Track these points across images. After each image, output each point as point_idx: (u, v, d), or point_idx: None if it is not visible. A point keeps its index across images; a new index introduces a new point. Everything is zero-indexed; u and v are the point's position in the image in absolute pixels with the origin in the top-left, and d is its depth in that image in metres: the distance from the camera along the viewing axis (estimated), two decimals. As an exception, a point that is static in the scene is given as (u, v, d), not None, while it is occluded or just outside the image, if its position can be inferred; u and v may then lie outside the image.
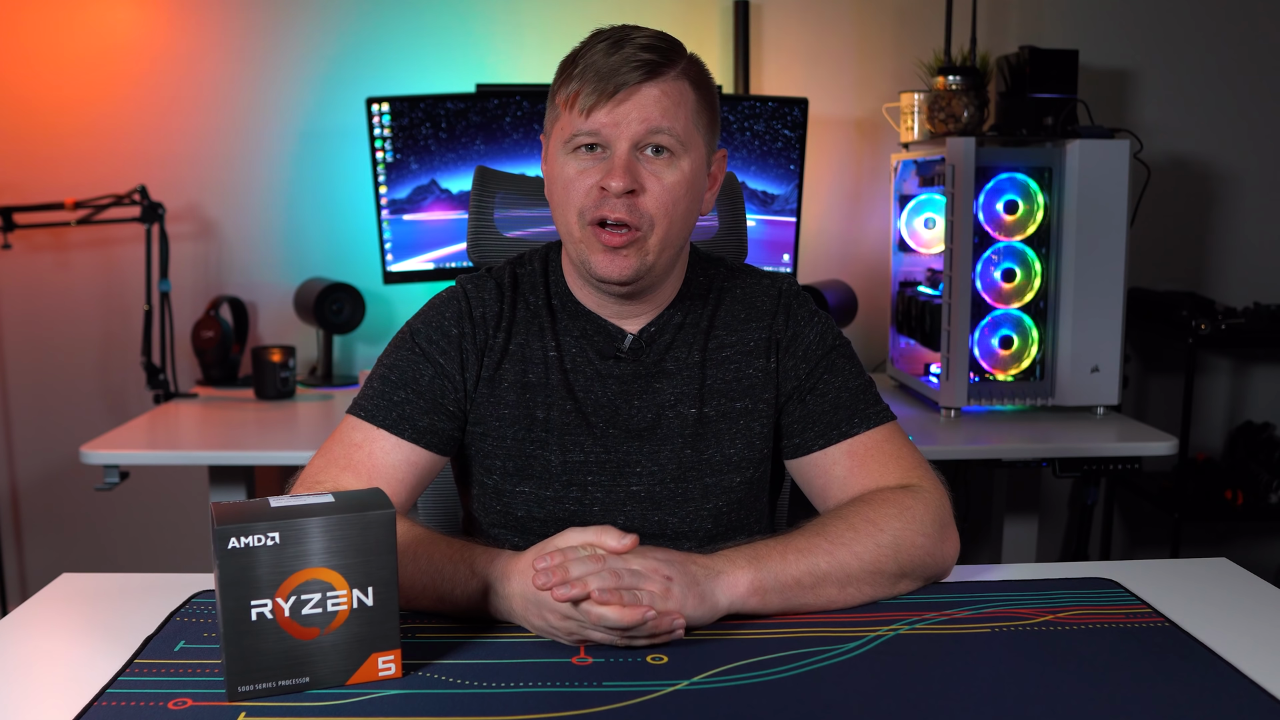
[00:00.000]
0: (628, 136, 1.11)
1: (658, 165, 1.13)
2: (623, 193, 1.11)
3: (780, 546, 1.07)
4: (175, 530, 2.78)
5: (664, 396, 1.22)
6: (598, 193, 1.12)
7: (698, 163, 1.16)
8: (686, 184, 1.14)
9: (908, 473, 1.19)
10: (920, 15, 2.71)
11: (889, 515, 1.11)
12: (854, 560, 1.08)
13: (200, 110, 2.68)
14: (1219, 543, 2.98)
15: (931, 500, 1.15)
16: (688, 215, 1.16)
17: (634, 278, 1.15)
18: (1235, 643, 1.01)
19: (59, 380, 2.74)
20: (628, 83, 1.10)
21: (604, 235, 1.13)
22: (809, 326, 1.25)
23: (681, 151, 1.14)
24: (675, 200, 1.14)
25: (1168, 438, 2.12)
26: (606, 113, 1.11)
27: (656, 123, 1.11)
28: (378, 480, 1.15)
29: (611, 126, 1.11)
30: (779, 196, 2.52)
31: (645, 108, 1.11)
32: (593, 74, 1.11)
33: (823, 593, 1.07)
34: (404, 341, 1.23)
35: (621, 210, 1.12)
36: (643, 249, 1.14)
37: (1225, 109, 2.83)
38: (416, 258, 2.49)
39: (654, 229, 1.13)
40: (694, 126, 1.15)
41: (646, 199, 1.12)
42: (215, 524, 0.87)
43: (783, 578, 1.05)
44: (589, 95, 1.11)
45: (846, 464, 1.20)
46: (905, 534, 1.11)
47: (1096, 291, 2.23)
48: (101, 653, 0.99)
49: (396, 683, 0.93)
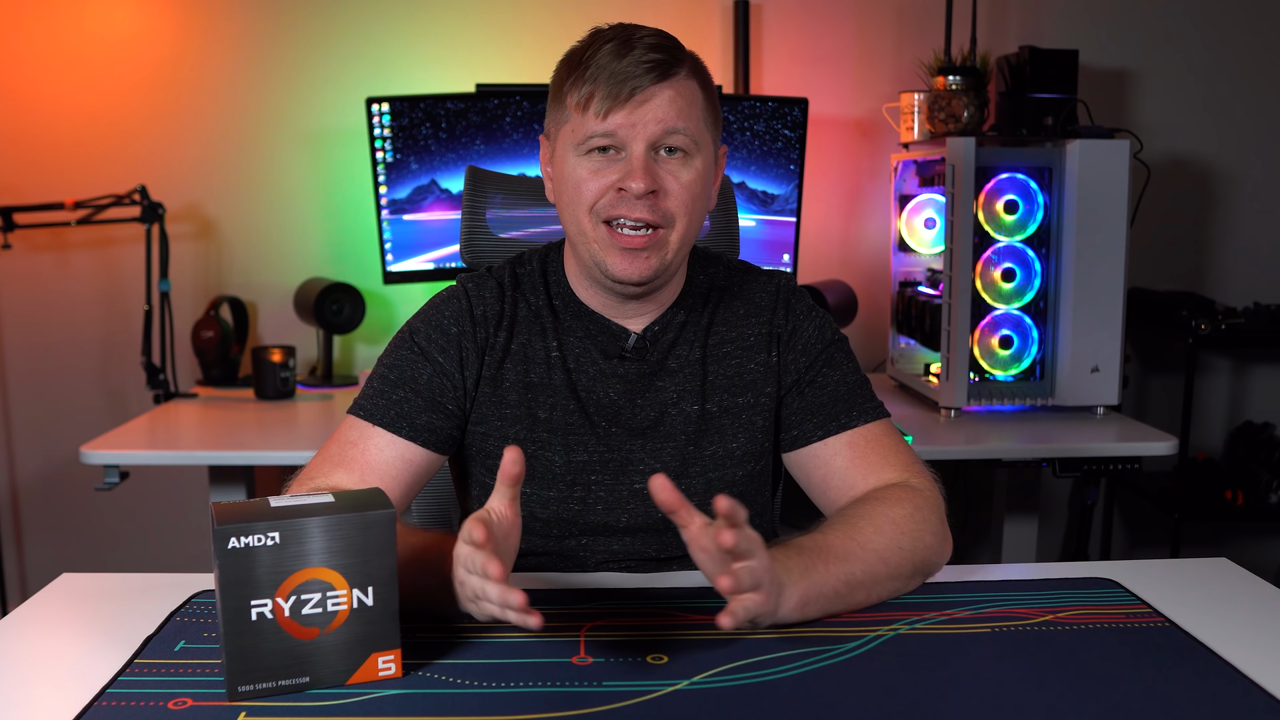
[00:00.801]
0: (644, 138, 1.12)
1: (673, 165, 1.14)
2: (644, 194, 1.12)
3: (824, 555, 1.05)
4: (175, 530, 2.78)
5: (667, 394, 1.22)
6: (614, 194, 1.13)
7: (709, 160, 1.18)
8: (702, 182, 1.16)
9: (906, 469, 1.20)
10: (920, 15, 2.71)
11: (906, 517, 1.12)
12: (881, 566, 1.08)
13: (200, 110, 2.68)
14: (1219, 543, 2.98)
15: (934, 500, 1.17)
16: (701, 213, 1.19)
17: (652, 277, 1.16)
18: (1235, 643, 1.01)
19: (59, 380, 2.74)
20: (643, 85, 1.11)
21: (622, 236, 1.14)
22: (808, 321, 1.26)
23: (695, 150, 1.15)
24: (694, 198, 1.15)
25: (1168, 438, 2.12)
26: (625, 115, 1.12)
27: (672, 123, 1.13)
28: (372, 478, 1.15)
29: (628, 128, 1.12)
30: (779, 196, 2.52)
31: (661, 109, 1.12)
32: (606, 76, 1.11)
33: (851, 599, 1.07)
34: (403, 341, 1.23)
35: (644, 210, 1.12)
36: (663, 249, 1.15)
37: (1225, 109, 2.83)
38: (416, 258, 2.49)
39: (674, 228, 1.15)
40: (704, 124, 1.17)
41: (667, 199, 1.14)
42: (215, 524, 0.87)
43: (825, 590, 1.03)
44: (604, 98, 1.11)
45: (847, 455, 1.20)
46: (921, 536, 1.12)
47: (1096, 291, 2.23)
48: (101, 653, 0.99)
49: (396, 683, 0.93)
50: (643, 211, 1.13)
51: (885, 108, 2.70)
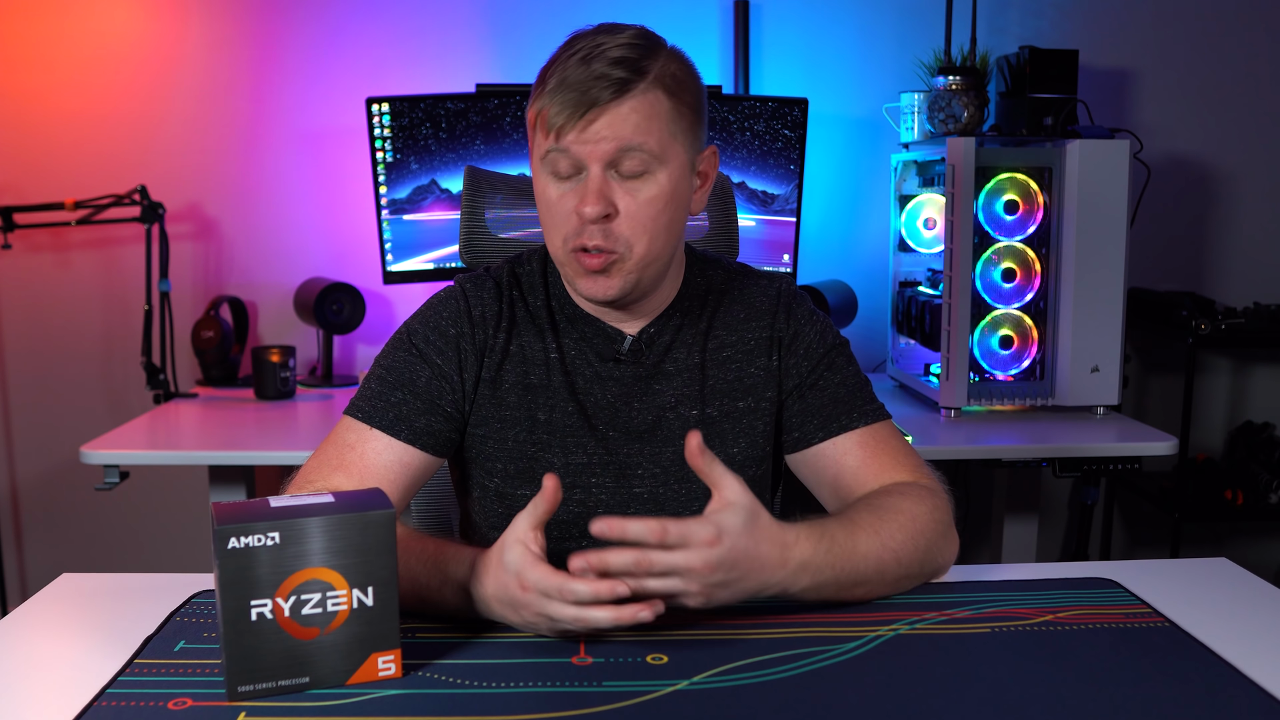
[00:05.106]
0: (599, 157, 1.09)
1: (633, 183, 1.11)
2: (597, 218, 1.10)
3: (848, 545, 1.05)
4: (175, 530, 2.78)
5: (664, 398, 1.22)
6: (575, 219, 1.11)
7: (678, 171, 1.13)
8: (666, 197, 1.12)
9: (916, 469, 1.20)
10: (920, 15, 2.71)
11: (926, 515, 1.12)
12: (893, 561, 1.08)
13: (200, 110, 2.68)
14: (1219, 543, 2.98)
15: (944, 501, 1.17)
16: (671, 226, 1.14)
17: (619, 296, 1.15)
18: (1235, 643, 1.01)
19: (59, 380, 2.74)
20: (597, 102, 1.07)
21: (585, 259, 1.13)
22: (810, 325, 1.25)
23: (657, 166, 1.11)
24: (653, 216, 1.12)
25: (1168, 438, 2.12)
26: (576, 133, 1.09)
27: (628, 140, 1.09)
28: (370, 481, 1.14)
29: (581, 146, 1.09)
30: (779, 196, 2.52)
31: (615, 126, 1.08)
32: (560, 92, 1.08)
33: (854, 593, 1.07)
34: (401, 342, 1.22)
35: (598, 237, 1.11)
36: (624, 269, 1.13)
37: (1225, 109, 2.83)
38: (416, 258, 2.49)
39: (632, 250, 1.12)
40: (671, 136, 1.11)
41: (620, 222, 1.11)
42: (215, 524, 0.87)
43: (840, 574, 1.04)
44: (556, 115, 1.08)
45: (859, 454, 1.20)
46: (934, 535, 1.12)
47: (1096, 291, 2.23)
48: (101, 653, 0.99)
49: (396, 683, 0.93)
50: (597, 238, 1.11)
51: (885, 108, 2.70)
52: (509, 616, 0.99)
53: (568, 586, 0.93)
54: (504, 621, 1.01)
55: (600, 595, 0.92)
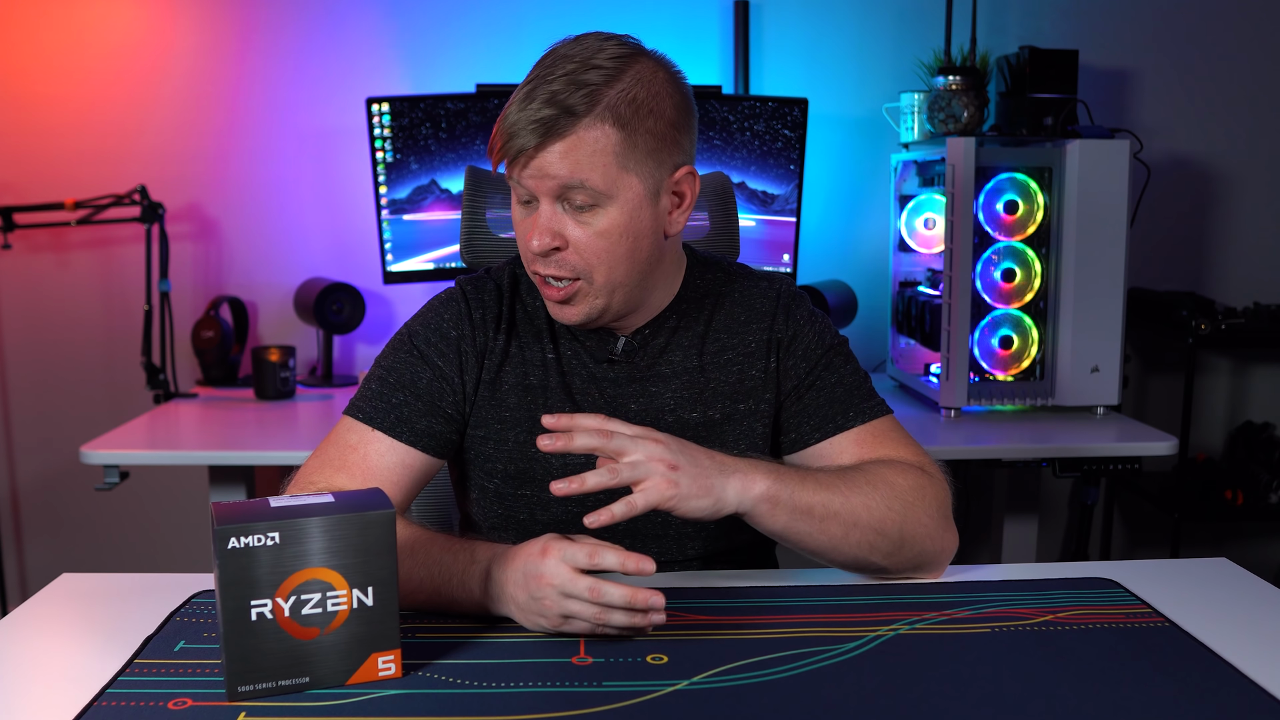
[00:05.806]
0: (545, 191, 1.09)
1: (585, 215, 1.10)
2: (545, 250, 1.11)
3: (800, 474, 1.10)
4: (175, 530, 2.78)
5: (661, 400, 1.22)
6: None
7: (633, 202, 1.10)
8: (620, 229, 1.10)
9: (917, 459, 1.20)
10: (920, 15, 2.71)
11: (904, 486, 1.13)
12: (864, 512, 1.10)
13: (200, 110, 2.68)
14: (1219, 543, 2.98)
15: (941, 488, 1.17)
16: (634, 254, 1.12)
17: (586, 321, 1.16)
18: (1235, 643, 1.01)
19: (59, 380, 2.74)
20: (526, 146, 1.07)
21: (545, 290, 1.14)
22: (808, 326, 1.25)
23: (605, 200, 1.09)
24: (607, 248, 1.11)
25: (1168, 438, 2.12)
26: (519, 169, 1.10)
27: (568, 179, 1.07)
28: (372, 482, 1.14)
29: (528, 180, 1.10)
30: (779, 196, 2.52)
31: (552, 165, 1.07)
32: (506, 127, 1.08)
33: (828, 528, 1.09)
34: (402, 343, 1.22)
35: (551, 266, 1.12)
36: (587, 296, 1.13)
37: (1225, 109, 2.83)
38: (416, 258, 2.49)
39: (593, 278, 1.12)
40: (621, 169, 1.08)
41: (571, 253, 1.11)
42: (215, 524, 0.87)
43: (797, 499, 1.07)
44: (505, 149, 1.09)
45: (856, 452, 1.20)
46: (915, 508, 1.13)
47: (1096, 291, 2.23)
48: (101, 653, 0.99)
49: (396, 683, 0.93)
50: (551, 268, 1.12)
51: (885, 108, 2.70)
52: (518, 597, 1.00)
53: (601, 588, 0.96)
54: (509, 606, 1.01)
55: (634, 603, 0.96)
